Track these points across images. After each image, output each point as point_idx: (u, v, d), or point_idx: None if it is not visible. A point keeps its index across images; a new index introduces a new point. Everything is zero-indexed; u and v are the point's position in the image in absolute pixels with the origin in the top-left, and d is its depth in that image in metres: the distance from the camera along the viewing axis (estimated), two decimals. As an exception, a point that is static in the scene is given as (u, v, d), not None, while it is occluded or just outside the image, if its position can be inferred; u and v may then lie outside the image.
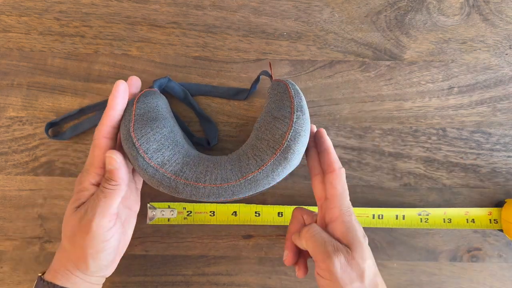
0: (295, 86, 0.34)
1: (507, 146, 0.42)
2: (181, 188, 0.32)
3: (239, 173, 0.32)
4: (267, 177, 0.32)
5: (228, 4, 0.42)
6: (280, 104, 0.33)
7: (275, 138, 0.32)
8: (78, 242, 0.31)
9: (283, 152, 0.31)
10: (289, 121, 0.32)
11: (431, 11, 0.42)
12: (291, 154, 0.32)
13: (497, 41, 0.42)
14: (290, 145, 0.31)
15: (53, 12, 0.42)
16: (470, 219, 0.40)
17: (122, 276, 0.41)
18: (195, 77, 0.41)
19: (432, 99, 0.42)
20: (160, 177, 0.32)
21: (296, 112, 0.32)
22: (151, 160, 0.32)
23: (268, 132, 0.32)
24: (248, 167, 0.32)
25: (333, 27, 0.42)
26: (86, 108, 0.41)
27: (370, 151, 0.42)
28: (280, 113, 0.32)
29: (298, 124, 0.32)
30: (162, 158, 0.32)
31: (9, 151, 0.41)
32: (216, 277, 0.41)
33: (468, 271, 0.41)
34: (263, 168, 0.32)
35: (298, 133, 0.32)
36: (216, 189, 0.32)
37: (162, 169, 0.32)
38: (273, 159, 0.32)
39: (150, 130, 0.32)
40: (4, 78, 0.41)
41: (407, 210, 0.40)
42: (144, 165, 0.32)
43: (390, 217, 0.40)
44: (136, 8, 0.42)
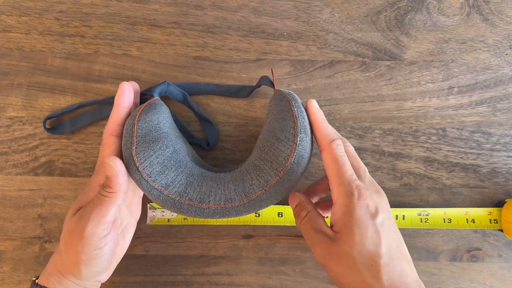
0: (297, 102, 0.34)
1: (507, 146, 0.42)
2: (185, 209, 0.33)
3: (243, 193, 0.33)
4: (270, 197, 0.33)
5: (228, 4, 0.42)
6: (283, 124, 0.33)
7: (278, 160, 0.32)
8: (72, 247, 0.31)
9: (286, 174, 0.32)
10: (293, 144, 0.32)
11: (431, 11, 0.42)
12: (294, 176, 0.32)
13: (497, 41, 0.42)
14: (293, 168, 0.32)
15: (53, 12, 0.42)
16: (470, 219, 0.40)
17: (122, 276, 0.41)
18: (195, 77, 0.41)
19: (432, 99, 0.42)
20: (164, 198, 0.32)
21: (300, 134, 0.32)
22: (155, 183, 0.32)
23: (271, 153, 0.33)
24: (252, 188, 0.33)
25: (333, 27, 0.42)
26: (85, 103, 0.41)
27: (370, 151, 0.42)
28: (283, 134, 0.33)
29: (302, 147, 0.32)
30: (166, 180, 0.33)
31: (9, 151, 0.41)
32: (216, 277, 0.41)
33: (468, 271, 0.41)
34: (267, 189, 0.32)
35: (301, 156, 0.32)
36: (220, 210, 0.33)
37: (166, 191, 0.32)
38: (276, 181, 0.32)
39: (153, 153, 0.32)
40: (4, 78, 0.41)
41: (407, 210, 0.40)
42: (148, 188, 0.32)
43: None
44: (136, 8, 0.42)
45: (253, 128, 0.42)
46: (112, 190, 0.30)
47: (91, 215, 0.30)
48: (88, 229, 0.30)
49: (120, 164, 0.31)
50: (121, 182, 0.31)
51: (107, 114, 0.40)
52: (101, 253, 0.31)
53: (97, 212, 0.30)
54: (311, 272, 0.41)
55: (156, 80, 0.41)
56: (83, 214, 0.31)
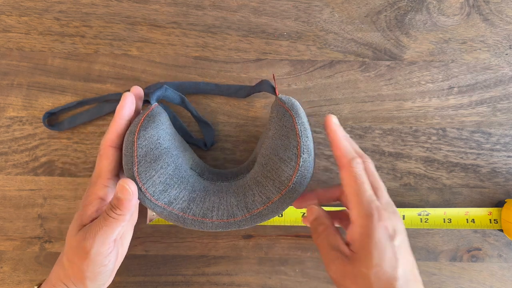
0: (301, 118, 0.33)
1: (507, 146, 0.42)
2: (189, 223, 0.33)
3: (245, 209, 0.33)
4: (272, 213, 0.33)
5: (228, 4, 0.42)
6: (286, 143, 0.33)
7: (281, 179, 0.32)
8: (76, 265, 0.31)
9: (288, 192, 0.32)
10: (296, 165, 0.32)
11: (431, 11, 0.42)
12: (296, 194, 0.33)
13: (497, 41, 0.42)
14: (296, 187, 0.32)
15: (53, 12, 0.42)
16: (470, 219, 0.40)
17: (122, 276, 0.41)
18: (195, 77, 0.41)
19: (432, 99, 0.42)
20: (167, 214, 0.33)
21: (303, 155, 0.32)
22: (158, 201, 0.33)
23: (274, 172, 0.33)
24: (254, 204, 0.33)
25: (333, 27, 0.42)
26: (85, 101, 0.41)
27: (370, 151, 0.42)
28: (286, 154, 0.32)
29: (304, 168, 0.32)
30: (169, 198, 0.33)
31: (9, 151, 0.41)
32: (216, 277, 0.41)
33: (468, 271, 0.41)
34: (269, 205, 0.33)
35: (304, 176, 0.32)
36: (223, 224, 0.34)
37: (170, 207, 0.33)
38: (278, 198, 0.33)
39: (155, 173, 0.32)
40: (4, 78, 0.41)
41: (407, 210, 0.40)
42: (152, 206, 0.33)
43: None
44: (136, 8, 0.42)
45: (253, 128, 0.42)
46: (121, 212, 0.30)
47: (97, 236, 0.30)
48: (94, 250, 0.30)
49: (134, 188, 0.31)
50: (132, 206, 0.31)
51: (106, 112, 0.40)
52: (105, 269, 0.31)
53: (102, 233, 0.30)
54: (311, 272, 0.41)
55: (156, 80, 0.41)
56: (88, 233, 0.30)
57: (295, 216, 0.40)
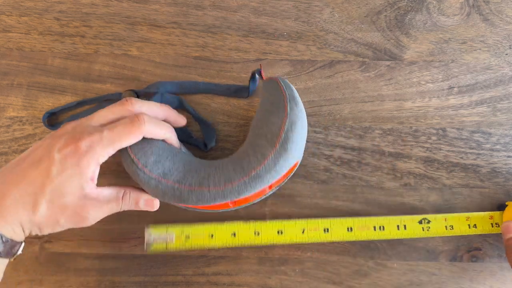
0: (285, 80, 0.35)
1: (507, 146, 0.42)
2: (185, 196, 0.32)
3: (242, 172, 0.33)
4: (270, 171, 0.32)
5: (228, 4, 0.42)
6: (273, 99, 0.34)
7: (272, 131, 0.32)
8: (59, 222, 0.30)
9: (282, 143, 0.32)
10: (284, 113, 0.33)
11: (431, 11, 0.42)
12: (290, 144, 0.32)
13: (497, 41, 0.42)
14: (288, 135, 0.32)
15: (53, 12, 0.42)
16: (472, 224, 0.40)
17: (122, 276, 0.41)
18: (195, 77, 0.41)
19: (432, 99, 0.42)
20: (163, 187, 0.32)
21: (290, 103, 0.33)
22: (151, 173, 0.32)
23: (265, 127, 0.33)
24: (250, 165, 0.33)
25: (333, 27, 0.42)
26: (85, 101, 0.41)
27: (370, 151, 0.42)
28: (274, 107, 0.33)
29: (293, 114, 0.33)
30: (163, 168, 0.32)
31: (9, 151, 0.41)
32: (216, 277, 0.41)
33: (468, 271, 0.41)
34: (265, 163, 0.32)
35: (294, 123, 0.32)
36: (221, 192, 0.33)
37: (164, 179, 0.32)
38: (273, 153, 0.32)
39: (147, 144, 0.32)
40: (4, 78, 0.41)
41: (408, 219, 0.39)
42: (146, 178, 0.32)
43: (391, 228, 0.39)
44: (136, 8, 0.42)
45: (253, 128, 0.42)
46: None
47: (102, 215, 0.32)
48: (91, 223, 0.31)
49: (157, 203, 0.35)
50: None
51: None
52: None
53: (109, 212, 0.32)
54: (311, 272, 0.41)
55: (156, 80, 0.41)
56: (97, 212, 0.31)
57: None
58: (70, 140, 0.30)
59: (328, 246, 0.41)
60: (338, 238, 0.39)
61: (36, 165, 0.29)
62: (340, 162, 0.41)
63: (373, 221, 0.39)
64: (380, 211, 0.41)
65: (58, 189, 0.29)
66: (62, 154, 0.29)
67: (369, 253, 0.41)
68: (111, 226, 0.41)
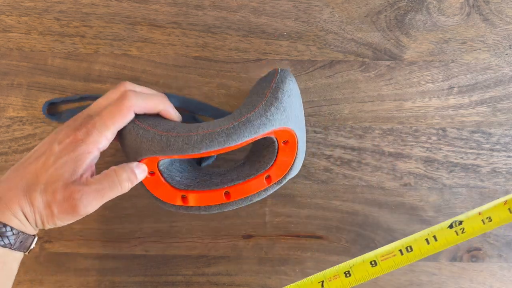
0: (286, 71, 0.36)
1: (507, 146, 0.42)
2: (172, 141, 0.32)
3: (232, 119, 0.33)
4: (260, 117, 0.32)
5: (228, 4, 0.42)
6: (266, 76, 0.36)
7: (262, 86, 0.34)
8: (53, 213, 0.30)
9: (272, 92, 0.33)
10: (275, 74, 0.35)
11: (431, 11, 0.42)
12: (281, 94, 0.33)
13: (497, 41, 0.42)
14: (279, 86, 0.33)
15: (53, 12, 0.42)
16: (508, 207, 0.33)
17: (122, 276, 0.41)
18: (195, 77, 0.41)
19: (432, 99, 0.42)
20: (150, 136, 0.32)
21: (280, 70, 0.35)
22: (141, 123, 0.33)
23: (257, 88, 0.35)
24: (241, 113, 0.33)
25: (333, 27, 0.42)
26: (87, 96, 0.40)
27: (370, 151, 0.42)
28: (265, 77, 0.36)
29: (285, 72, 0.35)
30: (154, 121, 0.33)
31: (9, 151, 0.41)
32: (216, 277, 0.41)
33: (468, 271, 0.41)
34: (256, 110, 0.33)
35: (285, 77, 0.34)
36: (208, 134, 0.32)
37: (154, 129, 0.33)
38: (264, 101, 0.33)
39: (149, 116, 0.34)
40: (4, 78, 0.41)
41: (437, 228, 0.34)
42: (134, 128, 0.33)
43: (420, 245, 0.34)
44: (136, 8, 0.42)
45: (253, 128, 0.42)
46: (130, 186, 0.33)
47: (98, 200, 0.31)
48: (86, 212, 0.30)
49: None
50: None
51: None
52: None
53: (106, 199, 0.31)
54: (311, 272, 0.41)
55: (156, 80, 0.41)
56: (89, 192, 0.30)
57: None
58: (69, 131, 0.31)
59: (328, 246, 0.41)
60: (363, 278, 0.33)
61: (38, 159, 0.31)
62: (340, 162, 0.41)
63: (397, 245, 0.34)
64: (380, 211, 0.41)
65: (51, 176, 0.30)
66: (61, 145, 0.31)
67: (369, 253, 0.41)
68: (111, 226, 0.41)
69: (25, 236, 0.30)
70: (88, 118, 0.32)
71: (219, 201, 0.35)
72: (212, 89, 0.42)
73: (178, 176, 0.36)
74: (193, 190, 0.35)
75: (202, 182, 0.36)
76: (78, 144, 0.30)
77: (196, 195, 0.35)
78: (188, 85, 0.42)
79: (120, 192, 0.32)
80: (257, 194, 0.36)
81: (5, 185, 0.30)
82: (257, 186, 0.36)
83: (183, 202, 0.35)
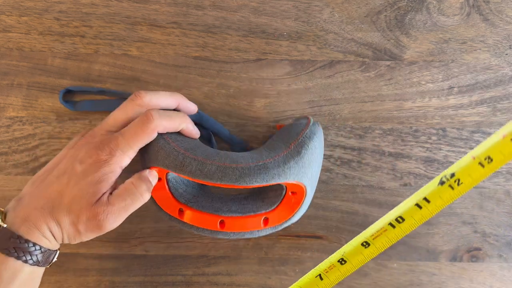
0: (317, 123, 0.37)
1: (507, 146, 0.42)
2: (187, 162, 0.32)
3: (250, 159, 0.32)
4: (277, 167, 0.32)
5: (228, 4, 0.42)
6: (296, 122, 0.36)
7: (290, 135, 0.33)
8: (79, 231, 0.31)
9: (297, 146, 0.32)
10: (306, 123, 0.34)
11: (431, 11, 0.42)
12: (304, 150, 0.32)
13: (497, 41, 0.42)
14: (305, 141, 0.33)
15: (53, 12, 0.42)
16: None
17: (122, 276, 0.41)
18: (195, 77, 0.41)
19: (432, 99, 0.42)
20: (169, 149, 0.32)
21: (312, 118, 0.36)
22: (165, 134, 0.33)
23: (285, 133, 0.34)
24: (260, 156, 0.33)
25: (333, 27, 0.42)
26: (107, 91, 0.40)
27: (370, 151, 0.42)
28: (297, 121, 0.36)
29: (315, 127, 0.34)
30: (176, 136, 0.33)
31: (9, 151, 0.41)
32: (216, 277, 0.41)
33: (468, 271, 0.41)
34: (276, 158, 0.32)
35: (314, 133, 0.34)
36: (223, 168, 0.32)
37: (174, 143, 0.33)
38: (286, 152, 0.32)
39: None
40: (4, 78, 0.41)
41: (426, 188, 0.29)
42: (156, 136, 0.33)
43: (412, 212, 0.29)
44: (136, 8, 0.42)
45: (253, 128, 0.42)
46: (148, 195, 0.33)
47: (122, 215, 0.31)
48: (108, 228, 0.31)
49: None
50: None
51: None
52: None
53: (129, 212, 0.31)
54: (311, 272, 0.41)
55: (156, 80, 0.41)
56: (113, 209, 0.31)
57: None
58: (91, 150, 0.31)
59: (328, 246, 0.41)
60: (360, 262, 0.31)
61: (60, 178, 0.31)
62: (340, 162, 0.41)
63: (386, 220, 0.30)
64: (380, 211, 0.41)
65: (76, 197, 0.30)
66: (84, 165, 0.31)
67: (369, 253, 0.41)
68: (111, 226, 0.41)
69: (50, 252, 0.31)
70: (110, 136, 0.32)
71: (212, 227, 0.35)
72: (212, 89, 0.42)
73: (182, 189, 0.36)
74: (191, 208, 0.35)
75: (202, 202, 0.36)
76: (102, 164, 0.31)
77: (192, 213, 0.35)
78: (188, 85, 0.42)
79: (142, 202, 0.32)
80: (250, 232, 0.36)
81: (30, 204, 0.31)
82: (253, 225, 0.35)
83: (179, 216, 0.35)
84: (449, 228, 0.41)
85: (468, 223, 0.41)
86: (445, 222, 0.41)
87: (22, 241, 0.29)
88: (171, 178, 0.35)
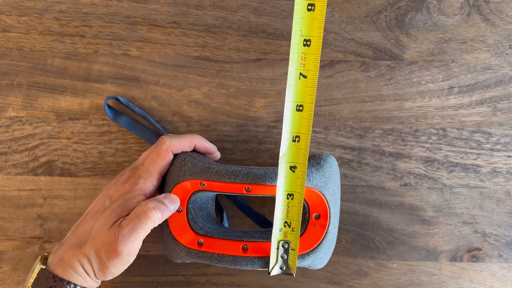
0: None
1: (507, 146, 0.42)
2: (212, 166, 0.34)
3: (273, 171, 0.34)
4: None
5: (228, 4, 0.42)
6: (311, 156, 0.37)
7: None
8: (103, 260, 0.31)
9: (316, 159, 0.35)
10: (318, 155, 0.36)
11: (431, 11, 0.42)
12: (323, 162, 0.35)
13: (497, 41, 0.42)
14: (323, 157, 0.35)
15: (53, 12, 0.41)
16: None
17: (122, 276, 0.41)
18: (195, 77, 0.41)
19: (432, 99, 0.42)
20: (195, 161, 0.34)
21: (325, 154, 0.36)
22: (191, 153, 0.36)
23: None
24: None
25: (333, 27, 0.42)
26: (148, 119, 0.41)
27: (370, 151, 0.42)
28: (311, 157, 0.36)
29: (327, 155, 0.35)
30: (201, 156, 0.36)
31: (9, 151, 0.41)
32: (216, 277, 0.41)
33: (468, 271, 0.41)
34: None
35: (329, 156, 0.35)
36: (248, 169, 0.33)
37: (198, 158, 0.35)
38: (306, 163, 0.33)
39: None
40: (4, 78, 0.41)
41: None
42: (183, 154, 0.35)
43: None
44: (136, 8, 0.42)
45: (253, 128, 0.42)
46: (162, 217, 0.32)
47: (132, 237, 0.31)
48: (126, 252, 0.31)
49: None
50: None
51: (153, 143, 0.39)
52: (128, 264, 0.32)
53: (137, 234, 0.31)
54: (311, 272, 0.41)
55: (156, 80, 0.41)
56: (122, 235, 0.31)
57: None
58: (118, 186, 0.34)
59: (328, 246, 0.41)
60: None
61: (93, 216, 0.33)
62: (340, 162, 0.41)
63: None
64: (380, 211, 0.41)
65: (99, 226, 0.32)
66: (112, 200, 0.33)
67: (369, 253, 0.41)
68: (111, 226, 0.41)
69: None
70: (134, 170, 0.34)
71: (235, 253, 0.34)
72: (212, 89, 0.42)
73: (201, 223, 0.35)
74: (211, 237, 0.34)
75: (223, 232, 0.35)
76: (126, 194, 0.33)
77: (213, 240, 0.34)
78: (188, 85, 0.42)
79: (152, 222, 0.32)
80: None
81: (66, 244, 0.33)
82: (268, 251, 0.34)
83: (198, 247, 0.34)
84: (449, 228, 0.41)
85: (468, 223, 0.41)
86: (445, 222, 0.41)
87: (57, 279, 0.31)
88: (191, 209, 0.35)
